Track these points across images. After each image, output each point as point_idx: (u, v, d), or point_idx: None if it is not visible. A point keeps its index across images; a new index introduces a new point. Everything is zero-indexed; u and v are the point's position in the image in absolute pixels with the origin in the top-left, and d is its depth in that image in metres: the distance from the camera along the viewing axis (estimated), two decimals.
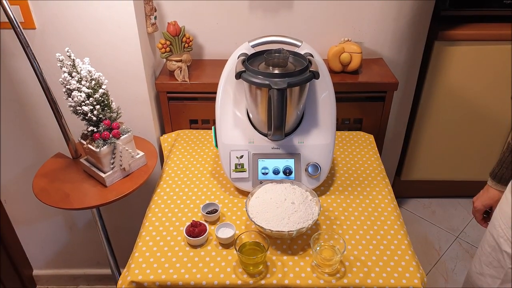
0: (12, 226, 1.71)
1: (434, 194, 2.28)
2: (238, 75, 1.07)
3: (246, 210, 1.04)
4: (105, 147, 1.14)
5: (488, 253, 1.07)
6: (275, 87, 1.00)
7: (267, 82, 1.02)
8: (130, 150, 1.21)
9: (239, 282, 0.95)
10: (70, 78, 1.09)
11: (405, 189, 2.22)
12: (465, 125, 1.93)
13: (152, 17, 1.37)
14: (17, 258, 1.76)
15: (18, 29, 1.06)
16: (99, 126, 1.14)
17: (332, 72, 1.49)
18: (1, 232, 1.65)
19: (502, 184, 1.09)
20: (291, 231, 0.98)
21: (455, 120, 1.91)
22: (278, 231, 0.99)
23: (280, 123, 1.06)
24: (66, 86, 1.10)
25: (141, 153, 1.26)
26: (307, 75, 1.06)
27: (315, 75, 1.06)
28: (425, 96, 1.85)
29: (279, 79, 1.02)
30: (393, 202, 1.18)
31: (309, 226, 1.01)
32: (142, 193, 1.40)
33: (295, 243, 1.04)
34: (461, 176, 2.12)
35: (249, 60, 1.13)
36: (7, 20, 1.05)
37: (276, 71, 1.07)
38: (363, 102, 1.51)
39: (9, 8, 1.04)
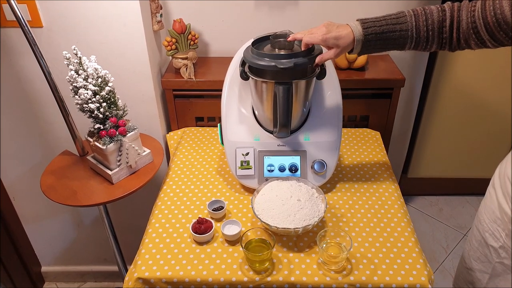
0: (21, 223, 1.73)
1: (441, 191, 2.26)
2: (244, 75, 1.07)
3: (252, 207, 1.04)
4: (111, 144, 1.14)
5: (475, 248, 1.07)
6: (281, 67, 0.98)
7: (273, 63, 1.00)
8: (137, 148, 1.22)
9: (245, 279, 0.95)
10: (77, 76, 1.09)
11: (412, 187, 2.20)
12: (472, 122, 1.91)
13: (158, 15, 1.37)
14: (26, 254, 1.78)
15: (26, 28, 1.07)
16: (106, 124, 1.15)
17: (338, 68, 1.48)
18: (10, 229, 1.66)
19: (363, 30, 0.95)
20: (297, 228, 0.98)
21: (462, 117, 1.90)
22: (284, 228, 0.98)
23: (286, 120, 1.06)
24: (73, 84, 1.11)
25: (148, 151, 1.27)
26: (314, 56, 1.03)
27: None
28: (432, 92, 1.83)
29: (286, 60, 1.00)
30: (400, 199, 1.17)
31: (315, 223, 1.00)
32: (149, 190, 1.40)
33: (301, 240, 1.04)
34: (468, 173, 2.10)
35: (255, 44, 1.11)
36: (15, 19, 1.06)
37: (282, 52, 1.05)
38: (370, 99, 1.50)
39: (17, 6, 1.05)
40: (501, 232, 0.98)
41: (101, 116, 1.13)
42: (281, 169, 1.17)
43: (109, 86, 1.13)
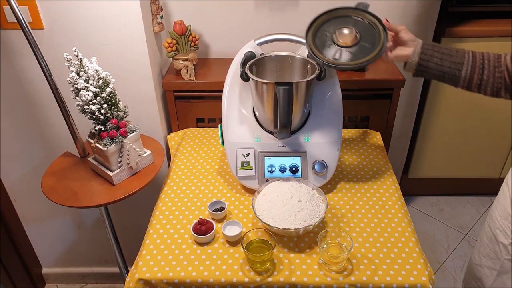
0: (22, 224, 1.73)
1: (442, 192, 2.26)
2: (244, 76, 1.07)
3: (253, 208, 1.04)
4: (112, 145, 1.14)
5: (485, 245, 1.09)
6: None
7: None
8: (137, 149, 1.22)
9: (246, 279, 0.96)
10: (78, 77, 1.09)
11: (412, 187, 2.20)
12: (472, 122, 1.91)
13: (159, 16, 1.37)
14: (27, 256, 1.78)
15: (27, 29, 1.07)
16: (107, 125, 1.15)
17: None
18: (11, 231, 1.67)
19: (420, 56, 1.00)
20: (298, 228, 0.98)
21: (463, 117, 1.90)
22: (285, 228, 0.99)
23: (286, 120, 1.06)
24: (74, 85, 1.11)
25: (148, 152, 1.27)
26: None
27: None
28: (432, 93, 1.84)
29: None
30: (400, 199, 1.18)
31: (316, 223, 1.01)
32: (149, 192, 1.40)
33: (302, 240, 1.04)
34: (469, 173, 2.11)
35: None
36: (16, 21, 1.06)
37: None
38: (370, 99, 1.51)
39: (18, 8, 1.05)
40: None
41: (102, 117, 1.13)
42: (282, 170, 1.17)
43: (110, 88, 1.13)
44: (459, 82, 0.99)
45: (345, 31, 1.03)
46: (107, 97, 1.13)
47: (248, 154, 1.17)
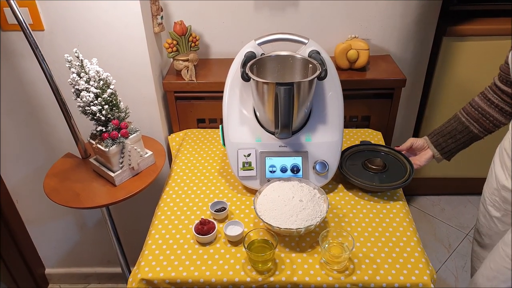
0: (25, 226, 1.73)
1: (443, 191, 2.26)
2: (245, 76, 1.07)
3: (254, 208, 1.05)
4: (113, 146, 1.15)
5: (483, 224, 1.16)
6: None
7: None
8: (139, 150, 1.22)
9: (248, 279, 0.96)
10: (79, 78, 1.10)
11: (414, 187, 2.20)
12: None
13: (159, 17, 1.38)
14: (30, 257, 1.79)
15: (27, 31, 1.07)
16: (108, 126, 1.15)
17: (339, 69, 1.49)
18: (14, 232, 1.67)
19: (436, 148, 1.21)
20: (299, 228, 0.98)
21: None
22: (287, 228, 0.99)
23: (287, 121, 1.06)
24: (75, 87, 1.11)
25: (150, 152, 1.27)
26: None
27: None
28: (433, 92, 1.83)
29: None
30: (402, 199, 1.18)
31: (318, 223, 1.01)
32: (151, 192, 1.41)
33: (303, 240, 1.04)
34: (470, 173, 2.10)
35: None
36: (16, 22, 1.06)
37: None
38: (371, 99, 1.51)
39: (18, 10, 1.05)
40: (499, 201, 1.06)
41: (103, 118, 1.13)
42: (283, 170, 1.17)
43: (110, 89, 1.13)
44: (480, 136, 1.16)
45: (375, 160, 1.23)
46: (108, 98, 1.13)
47: (249, 155, 1.17)
